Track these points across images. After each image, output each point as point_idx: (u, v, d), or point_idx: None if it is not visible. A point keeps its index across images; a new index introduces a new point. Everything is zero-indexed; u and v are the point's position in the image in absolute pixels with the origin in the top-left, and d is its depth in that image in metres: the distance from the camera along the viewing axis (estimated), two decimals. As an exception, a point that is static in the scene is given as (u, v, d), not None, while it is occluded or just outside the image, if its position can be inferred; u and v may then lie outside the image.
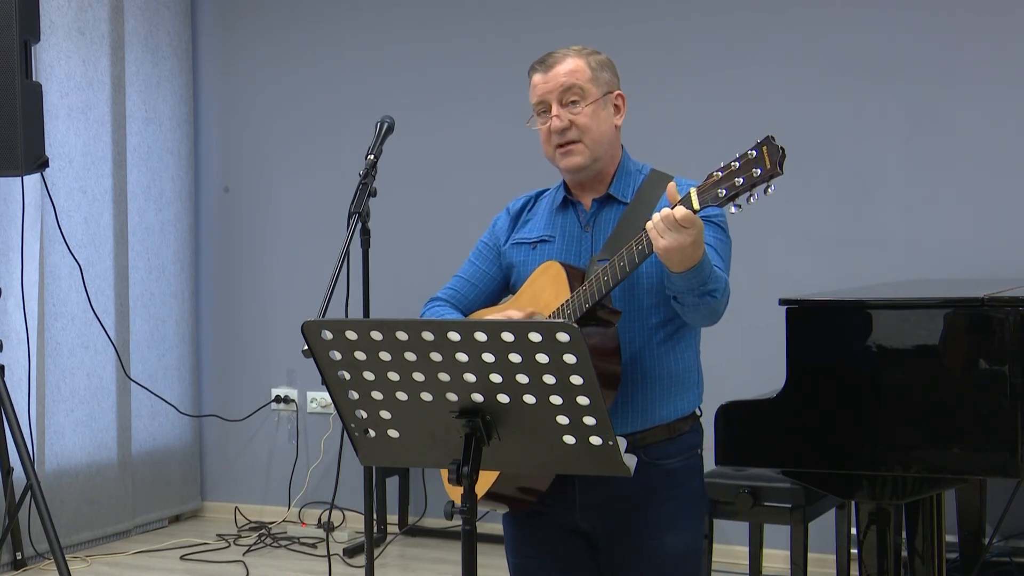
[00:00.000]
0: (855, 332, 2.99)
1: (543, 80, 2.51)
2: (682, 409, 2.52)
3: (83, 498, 5.39)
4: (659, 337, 2.48)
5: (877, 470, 2.93)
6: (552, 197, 2.64)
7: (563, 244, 2.57)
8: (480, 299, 2.68)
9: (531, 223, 2.65)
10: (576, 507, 2.51)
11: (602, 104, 2.51)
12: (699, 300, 2.31)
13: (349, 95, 5.80)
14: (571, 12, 5.36)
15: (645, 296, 2.47)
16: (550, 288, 2.51)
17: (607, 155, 2.54)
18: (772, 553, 4.46)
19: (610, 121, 2.53)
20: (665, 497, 2.50)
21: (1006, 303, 2.84)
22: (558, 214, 2.60)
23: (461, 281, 2.70)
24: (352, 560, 5.18)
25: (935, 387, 2.89)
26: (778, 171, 2.15)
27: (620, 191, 2.55)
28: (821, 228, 4.95)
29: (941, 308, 2.91)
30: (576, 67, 2.50)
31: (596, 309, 2.40)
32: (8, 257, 5.04)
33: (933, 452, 2.88)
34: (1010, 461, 2.80)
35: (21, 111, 4.19)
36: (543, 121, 2.52)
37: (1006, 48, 4.70)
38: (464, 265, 2.72)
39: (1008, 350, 2.81)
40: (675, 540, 2.51)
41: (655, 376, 2.48)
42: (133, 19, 5.69)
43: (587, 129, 2.49)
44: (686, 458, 2.53)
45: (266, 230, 6.02)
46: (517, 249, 2.63)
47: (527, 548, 2.60)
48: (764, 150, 2.17)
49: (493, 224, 2.72)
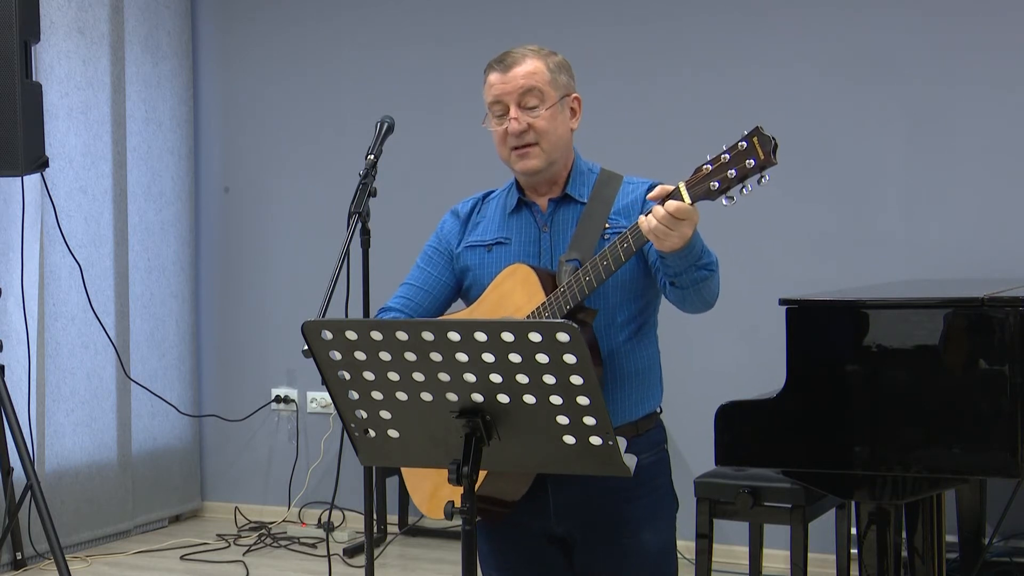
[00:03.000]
0: (855, 332, 2.99)
1: (501, 80, 2.49)
2: (647, 407, 2.53)
3: (83, 498, 5.39)
4: (625, 334, 2.49)
5: (877, 470, 2.93)
6: (502, 199, 2.62)
7: (520, 246, 2.55)
8: (434, 305, 2.65)
9: (482, 225, 2.62)
10: (551, 513, 2.50)
11: (559, 107, 2.50)
12: (697, 276, 2.29)
13: (349, 95, 5.80)
14: (572, 12, 5.36)
15: (612, 293, 2.46)
16: (520, 291, 2.49)
17: (562, 158, 2.53)
18: (772, 553, 4.46)
19: (566, 124, 2.52)
20: (638, 495, 2.49)
21: (1006, 303, 2.84)
22: (512, 216, 2.58)
23: (413, 289, 2.66)
24: (352, 560, 5.18)
25: (935, 387, 2.89)
26: (772, 160, 2.15)
27: (577, 191, 2.54)
28: (821, 228, 4.95)
29: (941, 308, 2.91)
30: (535, 69, 2.48)
31: (576, 310, 2.40)
32: (8, 257, 5.04)
33: (933, 452, 2.88)
34: (1010, 461, 2.80)
35: (21, 111, 4.19)
36: (499, 123, 2.50)
37: (1006, 48, 4.70)
38: (413, 271, 2.68)
39: (1008, 350, 2.81)
40: (651, 536, 2.52)
41: (623, 374, 2.49)
42: (133, 19, 5.69)
43: (545, 133, 2.47)
44: (654, 454, 2.53)
45: (266, 230, 6.02)
46: (471, 252, 2.61)
47: (502, 559, 2.60)
48: (755, 140, 2.16)
49: (440, 228, 2.69)
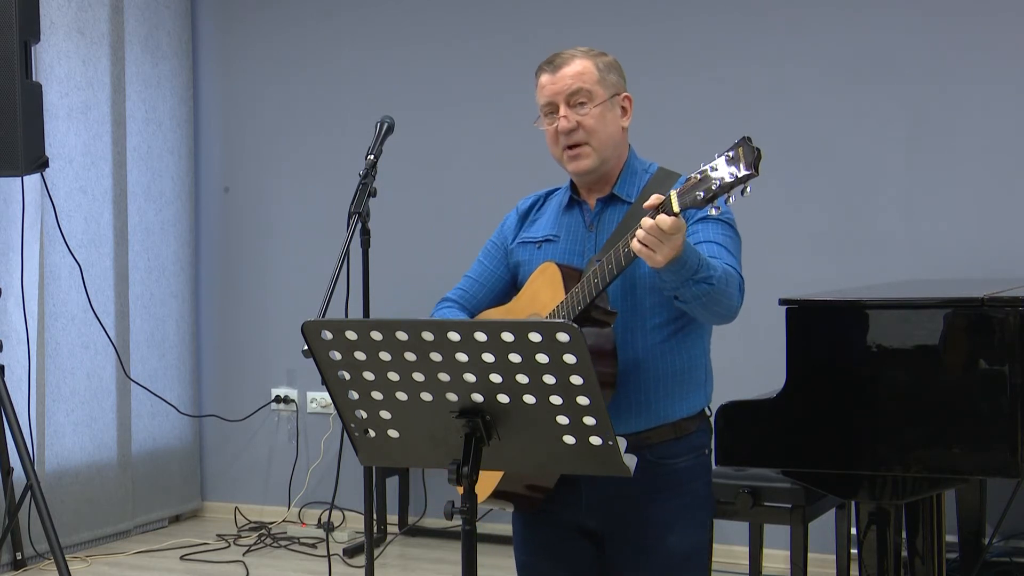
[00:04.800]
0: (855, 332, 2.99)
1: (551, 81, 2.52)
2: (688, 408, 2.52)
3: (83, 498, 5.39)
4: (661, 336, 2.48)
5: (877, 470, 2.93)
6: (560, 197, 2.65)
7: (567, 244, 2.58)
8: (488, 298, 2.69)
9: (539, 222, 2.66)
10: (582, 506, 2.51)
11: (609, 106, 2.52)
12: (697, 291, 2.27)
13: (349, 95, 5.80)
14: (572, 12, 5.36)
15: (646, 296, 2.47)
16: (547, 289, 2.52)
17: (614, 156, 2.55)
18: (772, 553, 4.46)
19: (617, 123, 2.54)
20: (670, 496, 2.50)
21: (1006, 303, 2.84)
22: (564, 214, 2.61)
23: (470, 281, 2.72)
24: (352, 560, 5.18)
25: (935, 387, 2.89)
26: (753, 172, 2.15)
27: (624, 191, 2.55)
28: (821, 228, 4.95)
29: (941, 308, 2.91)
30: (584, 69, 2.51)
31: (590, 310, 2.40)
32: (8, 257, 5.04)
33: (933, 452, 2.88)
34: (1010, 461, 2.80)
35: (21, 111, 4.19)
36: (550, 122, 2.53)
37: (1006, 48, 4.70)
38: (473, 265, 2.74)
39: (1008, 350, 2.81)
40: (678, 539, 2.51)
41: (658, 375, 2.48)
42: (133, 19, 5.69)
43: (594, 131, 2.50)
44: (693, 458, 2.53)
45: (266, 230, 6.02)
46: (523, 248, 2.65)
47: (534, 546, 2.61)
48: (740, 151, 2.16)
49: (502, 223, 2.73)
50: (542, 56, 2.58)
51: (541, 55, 2.59)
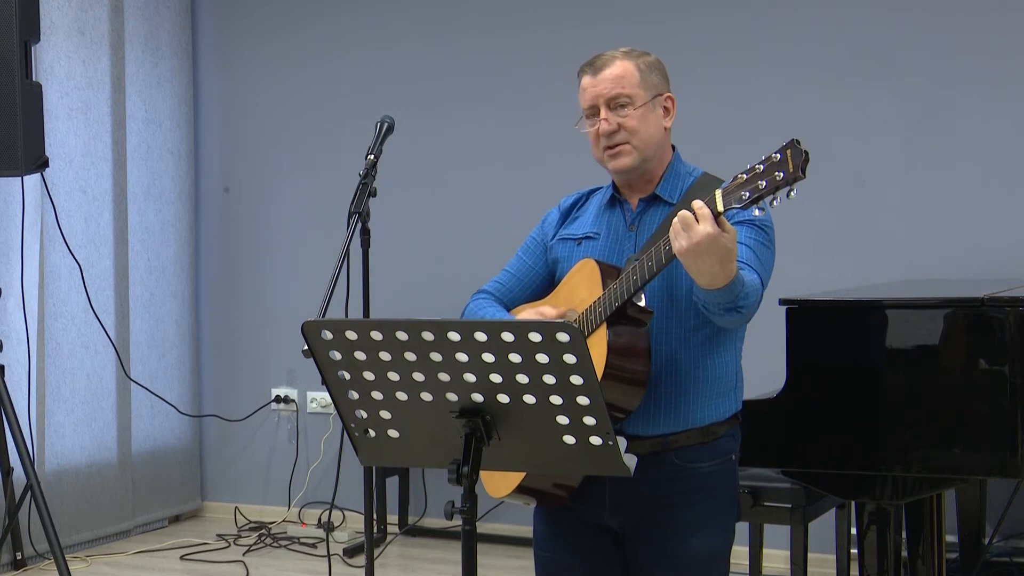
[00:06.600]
0: (855, 332, 2.99)
1: (592, 84, 2.52)
2: (719, 413, 2.51)
3: (83, 498, 5.39)
4: (698, 339, 2.47)
5: (877, 470, 2.93)
6: (602, 195, 2.65)
7: (607, 242, 2.57)
8: (525, 293, 2.69)
9: (580, 220, 2.65)
10: (606, 505, 2.50)
11: (651, 107, 2.51)
12: (725, 314, 2.29)
13: (349, 95, 5.80)
14: (572, 12, 5.35)
15: (685, 297, 2.45)
16: (585, 285, 2.51)
17: (656, 157, 2.54)
18: (772, 553, 4.46)
19: (659, 123, 2.53)
20: (695, 499, 2.48)
21: (1006, 303, 2.85)
22: (606, 212, 2.60)
23: (507, 275, 2.72)
24: (352, 560, 5.18)
25: (935, 387, 2.89)
26: (800, 175, 2.12)
27: (667, 192, 2.54)
28: (821, 228, 4.95)
29: (941, 308, 2.92)
30: (624, 71, 2.50)
31: (626, 308, 2.38)
32: (8, 257, 5.04)
33: (933, 452, 2.88)
34: (1010, 461, 2.80)
35: (21, 111, 4.19)
36: (592, 124, 2.52)
37: (1006, 48, 4.70)
38: (512, 259, 2.73)
39: (1008, 350, 2.81)
40: (701, 542, 2.50)
41: (691, 378, 2.47)
42: (133, 19, 5.69)
43: (635, 132, 2.49)
44: (720, 463, 2.52)
45: (266, 230, 6.02)
46: (562, 244, 2.64)
47: (555, 542, 2.61)
48: (788, 153, 2.13)
49: (543, 220, 2.73)
50: (542, 56, 2.59)
51: (541, 55, 2.59)
